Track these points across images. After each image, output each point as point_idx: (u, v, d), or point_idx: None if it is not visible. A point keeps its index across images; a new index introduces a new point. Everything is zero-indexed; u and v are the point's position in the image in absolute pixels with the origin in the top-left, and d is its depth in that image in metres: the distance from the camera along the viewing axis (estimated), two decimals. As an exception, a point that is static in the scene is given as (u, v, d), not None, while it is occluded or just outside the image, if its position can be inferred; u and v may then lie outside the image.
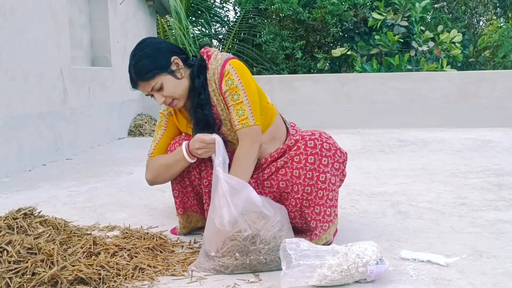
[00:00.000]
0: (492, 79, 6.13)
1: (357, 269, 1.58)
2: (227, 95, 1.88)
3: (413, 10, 7.68)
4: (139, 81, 1.89)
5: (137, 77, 1.89)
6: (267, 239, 1.70)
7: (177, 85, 1.91)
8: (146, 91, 1.92)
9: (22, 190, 3.12)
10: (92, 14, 5.35)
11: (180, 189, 2.06)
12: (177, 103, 1.94)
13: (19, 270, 1.56)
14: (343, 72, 9.02)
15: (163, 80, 1.88)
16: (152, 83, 1.88)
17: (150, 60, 1.87)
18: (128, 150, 4.80)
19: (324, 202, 1.84)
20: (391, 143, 4.86)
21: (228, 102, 1.88)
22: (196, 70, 1.94)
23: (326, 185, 1.83)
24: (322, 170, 1.81)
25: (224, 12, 10.61)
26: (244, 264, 1.70)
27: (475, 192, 2.84)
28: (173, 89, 1.90)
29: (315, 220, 1.86)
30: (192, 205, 2.09)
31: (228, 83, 1.87)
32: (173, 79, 1.90)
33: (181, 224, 2.14)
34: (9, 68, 3.54)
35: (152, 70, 1.87)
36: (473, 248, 1.93)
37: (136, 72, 1.88)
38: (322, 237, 1.88)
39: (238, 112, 1.86)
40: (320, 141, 1.83)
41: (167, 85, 1.89)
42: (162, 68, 1.88)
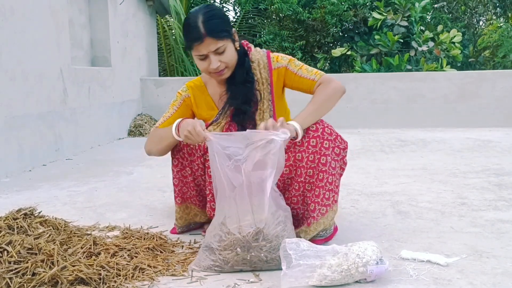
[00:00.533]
0: (492, 79, 6.13)
1: (357, 269, 1.58)
2: (289, 66, 2.00)
3: (413, 10, 7.68)
4: (209, 37, 1.83)
5: (209, 32, 1.83)
6: (270, 237, 1.71)
7: (234, 55, 1.93)
8: (206, 50, 1.86)
9: (22, 190, 3.12)
10: (92, 14, 5.35)
11: (180, 178, 2.05)
12: (226, 72, 1.93)
13: (19, 271, 1.56)
14: (343, 72, 9.02)
15: (228, 45, 1.89)
16: (220, 44, 1.85)
17: (223, 22, 1.89)
18: (128, 150, 4.80)
19: (324, 185, 1.85)
20: (391, 143, 4.86)
21: (293, 70, 2.00)
22: (242, 53, 1.99)
23: (327, 168, 1.84)
24: (324, 152, 1.84)
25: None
26: (244, 260, 1.70)
27: (475, 192, 2.84)
28: (231, 57, 1.91)
29: (314, 203, 1.87)
30: (191, 196, 2.09)
31: (283, 59, 2.02)
32: (233, 48, 1.92)
33: (178, 214, 2.12)
34: (9, 68, 3.54)
35: (224, 30, 1.87)
36: (473, 248, 1.93)
37: (209, 27, 1.83)
38: (320, 222, 1.87)
39: (308, 70, 2.00)
40: (322, 125, 1.87)
41: (229, 51, 1.89)
42: (229, 33, 1.90)
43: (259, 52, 2.04)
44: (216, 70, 1.90)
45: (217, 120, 2.04)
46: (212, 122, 2.05)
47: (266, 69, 2.01)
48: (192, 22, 1.86)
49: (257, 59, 2.02)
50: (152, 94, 6.42)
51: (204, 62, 1.90)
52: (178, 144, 2.01)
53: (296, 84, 2.02)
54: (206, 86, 2.09)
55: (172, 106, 2.10)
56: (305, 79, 1.99)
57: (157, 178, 3.38)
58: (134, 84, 6.21)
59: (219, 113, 2.04)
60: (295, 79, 2.01)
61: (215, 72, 1.91)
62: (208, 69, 1.91)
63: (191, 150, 1.99)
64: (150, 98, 6.41)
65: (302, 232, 1.90)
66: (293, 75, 2.01)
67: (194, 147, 1.99)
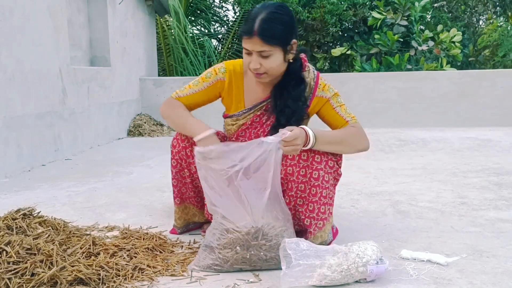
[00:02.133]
0: (492, 78, 6.13)
1: (357, 268, 1.57)
2: (332, 100, 1.96)
3: (413, 9, 7.68)
4: (258, 37, 1.77)
5: (260, 32, 1.76)
6: (270, 236, 1.70)
7: (280, 65, 1.86)
8: (252, 48, 1.80)
9: (21, 190, 3.12)
10: (91, 14, 5.34)
11: (179, 179, 2.05)
12: (265, 77, 1.87)
13: (19, 271, 1.56)
14: (343, 71, 9.01)
15: (275, 53, 1.81)
16: (266, 48, 1.78)
17: (283, 29, 1.80)
18: (127, 150, 4.79)
19: (318, 199, 1.84)
20: (391, 142, 4.85)
21: (333, 104, 1.96)
22: (299, 67, 1.94)
23: (319, 183, 1.82)
24: (315, 167, 1.81)
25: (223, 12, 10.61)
26: (244, 258, 1.70)
27: (475, 191, 2.83)
28: (275, 66, 1.84)
29: (309, 218, 1.86)
30: (190, 197, 2.09)
31: (330, 90, 1.97)
32: (281, 58, 1.84)
33: (177, 214, 2.12)
34: (8, 68, 3.53)
35: (277, 38, 1.79)
36: (473, 248, 1.93)
37: (262, 28, 1.76)
38: (317, 235, 1.87)
39: (346, 111, 1.96)
40: None
41: (274, 59, 1.82)
42: (283, 43, 1.82)
43: (311, 74, 1.97)
44: (255, 71, 1.85)
45: (238, 116, 1.99)
46: (233, 115, 2.01)
47: (310, 94, 1.95)
48: (253, 14, 1.80)
49: (307, 82, 1.95)
50: (151, 94, 6.41)
51: (248, 56, 1.84)
52: (177, 145, 2.00)
53: (328, 118, 1.98)
54: (244, 76, 2.00)
55: (203, 81, 1.99)
56: (340, 116, 1.95)
57: (156, 178, 3.38)
58: (133, 84, 6.21)
59: (243, 110, 1.99)
60: (331, 113, 1.96)
61: (254, 71, 1.86)
62: (249, 66, 1.86)
63: (190, 152, 1.99)
64: (150, 98, 6.41)
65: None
66: (331, 108, 1.96)
67: (193, 149, 1.98)
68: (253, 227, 1.69)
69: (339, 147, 1.86)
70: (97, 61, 5.41)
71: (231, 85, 1.99)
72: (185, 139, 1.99)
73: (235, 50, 8.94)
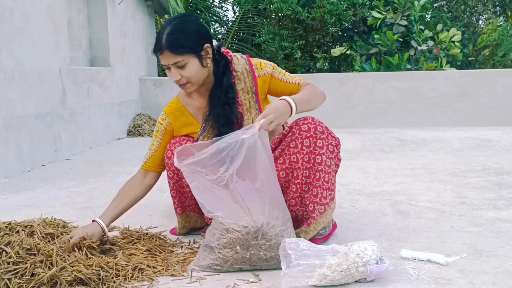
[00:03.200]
0: (492, 78, 6.13)
1: (357, 268, 1.57)
2: (274, 73, 2.02)
3: (412, 9, 7.68)
4: (166, 51, 1.83)
5: (167, 46, 1.83)
6: (269, 236, 1.70)
7: (200, 72, 1.90)
8: (166, 62, 1.86)
9: (21, 190, 3.12)
10: (91, 14, 5.34)
11: (178, 189, 2.06)
12: (189, 87, 1.92)
13: (18, 271, 1.56)
14: (343, 71, 9.02)
15: (189, 61, 1.86)
16: (178, 59, 1.84)
17: (186, 36, 1.85)
18: (127, 150, 4.79)
19: (321, 184, 1.86)
20: (391, 142, 4.85)
21: (278, 76, 2.02)
22: (223, 68, 1.97)
23: (322, 167, 1.84)
24: (318, 152, 1.84)
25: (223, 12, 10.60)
26: (244, 258, 1.70)
27: (475, 191, 2.83)
28: (194, 74, 1.88)
29: (313, 203, 1.87)
30: (190, 205, 2.09)
31: (267, 66, 2.03)
32: (198, 64, 1.88)
33: (180, 224, 2.13)
34: (8, 68, 3.53)
35: (184, 46, 1.84)
36: (473, 247, 1.93)
37: (168, 41, 1.83)
38: (319, 221, 1.88)
39: (291, 76, 2.04)
40: (314, 124, 1.86)
41: (191, 67, 1.87)
42: (194, 50, 1.86)
43: (241, 60, 2.02)
44: (178, 83, 1.90)
45: (201, 135, 2.03)
46: (198, 137, 2.03)
47: (250, 78, 2.00)
48: (160, 30, 1.87)
49: (241, 68, 2.00)
50: (151, 94, 6.41)
51: (168, 72, 1.90)
52: (172, 156, 2.01)
53: (281, 89, 2.02)
54: (185, 107, 2.06)
55: (156, 138, 2.08)
56: (290, 83, 2.01)
57: (156, 178, 3.37)
58: (133, 84, 6.21)
59: (201, 129, 2.02)
60: (280, 85, 2.02)
61: (177, 83, 1.91)
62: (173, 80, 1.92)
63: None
64: (149, 98, 6.41)
65: (302, 232, 1.90)
66: (278, 81, 2.02)
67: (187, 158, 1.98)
68: (253, 227, 1.69)
69: (311, 104, 1.90)
70: (97, 61, 5.42)
71: (177, 121, 2.04)
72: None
73: (234, 50, 8.95)
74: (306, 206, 1.90)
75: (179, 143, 1.98)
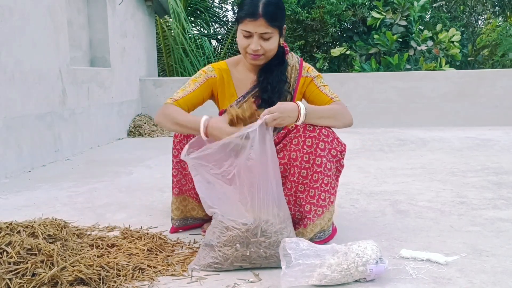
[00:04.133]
0: (491, 78, 6.13)
1: (357, 268, 1.58)
2: (315, 79, 2.06)
3: (412, 9, 7.68)
4: (262, 19, 1.85)
5: (264, 14, 1.85)
6: (269, 233, 1.71)
7: (276, 48, 1.96)
8: (255, 30, 1.87)
9: (22, 191, 3.12)
10: (91, 15, 5.35)
11: (179, 169, 2.05)
12: (262, 59, 1.95)
13: (19, 271, 1.56)
14: (342, 71, 9.02)
15: (275, 35, 1.91)
16: (269, 30, 1.87)
17: (281, 12, 1.92)
18: (127, 150, 4.80)
19: (319, 185, 1.85)
20: (391, 142, 4.86)
21: (317, 84, 2.06)
22: (282, 51, 2.03)
23: (322, 169, 1.84)
24: (319, 154, 1.83)
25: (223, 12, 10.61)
26: (244, 256, 1.70)
27: (474, 191, 2.84)
28: (273, 48, 1.94)
29: (309, 204, 1.87)
30: (189, 189, 2.07)
31: (313, 72, 2.08)
32: (277, 40, 1.95)
33: (174, 205, 2.10)
34: (8, 68, 3.54)
35: (279, 20, 1.89)
36: (473, 247, 1.93)
37: (266, 10, 1.85)
38: (316, 223, 1.88)
39: (330, 90, 2.06)
40: (319, 126, 1.87)
41: (274, 41, 1.92)
42: (281, 26, 1.94)
43: (294, 58, 2.09)
44: (254, 53, 1.91)
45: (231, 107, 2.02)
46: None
47: (296, 75, 2.06)
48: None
49: (292, 63, 2.07)
50: (151, 94, 6.42)
51: (246, 39, 1.91)
52: (179, 135, 2.01)
53: (313, 97, 2.05)
54: (231, 74, 2.07)
55: (194, 81, 2.03)
56: (324, 95, 2.04)
57: (156, 178, 3.38)
58: (133, 84, 6.21)
59: (237, 100, 2.03)
60: (315, 92, 2.05)
61: (252, 54, 1.92)
62: (247, 49, 1.92)
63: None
64: (150, 98, 6.41)
65: (299, 234, 1.89)
66: (315, 87, 2.05)
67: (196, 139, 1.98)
68: (252, 224, 1.70)
69: (328, 121, 1.90)
70: (97, 61, 5.42)
71: (222, 81, 2.06)
72: None
73: (234, 50, 8.95)
74: (301, 207, 1.90)
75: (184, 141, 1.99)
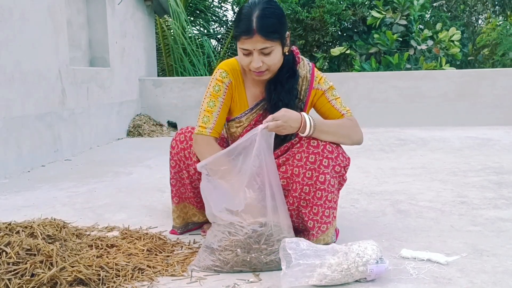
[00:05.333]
0: (491, 77, 6.13)
1: (357, 268, 1.57)
2: (327, 93, 1.98)
3: (412, 8, 7.67)
4: (258, 35, 1.75)
5: (259, 30, 1.74)
6: (271, 241, 1.70)
7: (280, 60, 1.85)
8: (253, 46, 1.77)
9: (21, 191, 3.12)
10: (90, 15, 5.34)
11: (178, 179, 2.05)
12: (266, 74, 1.86)
13: (18, 272, 1.55)
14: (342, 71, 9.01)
15: (275, 48, 1.80)
16: (268, 44, 1.77)
17: (279, 22, 1.79)
18: (127, 150, 4.79)
19: (323, 203, 1.83)
20: (391, 142, 4.85)
21: (329, 98, 1.98)
22: (292, 60, 1.93)
23: (325, 186, 1.81)
24: (322, 171, 1.80)
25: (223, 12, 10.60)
26: (244, 261, 1.70)
27: (475, 191, 2.83)
28: (277, 61, 1.83)
29: (313, 220, 1.85)
30: (189, 197, 2.08)
31: (325, 83, 2.00)
32: (281, 52, 1.84)
33: (175, 213, 2.11)
34: (8, 69, 3.53)
35: (277, 32, 1.78)
36: (473, 247, 1.93)
37: (261, 25, 1.74)
38: (320, 238, 1.86)
39: (341, 104, 1.99)
40: (324, 142, 1.83)
41: (275, 54, 1.81)
42: (282, 36, 1.81)
43: (306, 66, 1.98)
44: (257, 70, 1.83)
45: (241, 118, 1.98)
46: (235, 118, 1.99)
47: (307, 86, 1.97)
48: (246, 13, 1.78)
49: (303, 73, 1.96)
50: (151, 94, 6.41)
51: (246, 57, 1.82)
52: (176, 147, 2.00)
53: (324, 110, 1.99)
54: (243, 77, 1.97)
55: (216, 97, 1.92)
56: (336, 110, 1.97)
57: (156, 178, 3.37)
58: (133, 84, 6.20)
59: (245, 112, 1.98)
60: (326, 106, 1.98)
61: (255, 71, 1.84)
62: (249, 66, 1.83)
63: (188, 154, 1.98)
64: (149, 98, 6.40)
65: None
66: (326, 101, 1.98)
67: (192, 151, 1.96)
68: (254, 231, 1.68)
69: (337, 138, 1.86)
70: (96, 61, 5.41)
71: (237, 83, 1.97)
72: (184, 141, 1.98)
73: (234, 50, 8.95)
74: (304, 222, 1.88)
75: (184, 135, 1.98)
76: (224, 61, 2.00)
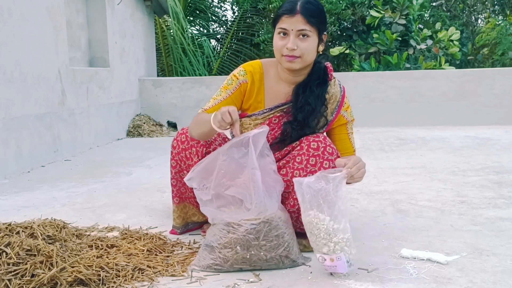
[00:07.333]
0: (491, 76, 6.13)
1: (329, 242, 1.59)
2: (349, 124, 2.03)
3: (411, 8, 7.67)
4: (300, 15, 1.80)
5: (302, 11, 1.80)
6: (270, 237, 1.71)
7: (313, 52, 1.87)
8: (291, 26, 1.81)
9: (21, 191, 3.12)
10: (90, 15, 5.34)
11: (178, 179, 2.05)
12: (298, 62, 1.86)
13: (18, 272, 1.55)
14: (342, 71, 9.01)
15: (313, 36, 1.84)
16: (307, 27, 1.81)
17: (322, 12, 1.86)
18: (127, 150, 4.79)
19: None
20: (391, 141, 4.86)
21: (348, 130, 2.03)
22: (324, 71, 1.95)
23: None
24: None
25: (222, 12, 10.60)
26: (244, 258, 1.70)
27: (474, 190, 2.84)
28: (310, 50, 1.85)
29: None
30: (190, 197, 2.08)
31: (350, 114, 2.03)
32: (315, 44, 1.87)
33: (175, 213, 2.12)
34: (7, 69, 3.53)
35: (318, 18, 1.83)
36: (473, 246, 1.93)
37: (305, 7, 1.81)
38: None
39: (354, 140, 2.05)
40: (324, 144, 1.83)
41: (311, 42, 1.84)
42: (320, 28, 1.86)
43: (337, 86, 1.99)
44: (290, 52, 1.83)
45: (258, 115, 1.97)
46: (252, 115, 1.98)
47: (335, 107, 1.97)
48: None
49: (333, 93, 1.97)
50: (150, 94, 6.41)
51: (282, 39, 1.84)
52: (177, 147, 2.00)
53: (338, 138, 2.01)
54: (264, 76, 1.98)
55: (225, 89, 1.97)
56: (351, 144, 2.03)
57: (156, 178, 3.37)
58: (132, 84, 6.20)
59: (263, 110, 1.97)
60: (343, 136, 2.02)
61: (288, 54, 1.84)
62: (282, 50, 1.84)
63: (189, 154, 1.98)
64: (149, 98, 6.40)
65: (301, 245, 1.87)
66: (345, 132, 2.02)
67: (193, 152, 1.97)
68: (253, 228, 1.69)
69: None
70: (96, 61, 5.41)
71: (253, 85, 1.98)
72: (185, 141, 1.98)
73: (234, 50, 8.95)
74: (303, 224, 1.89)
75: (185, 135, 1.98)
76: (249, 62, 2.05)
